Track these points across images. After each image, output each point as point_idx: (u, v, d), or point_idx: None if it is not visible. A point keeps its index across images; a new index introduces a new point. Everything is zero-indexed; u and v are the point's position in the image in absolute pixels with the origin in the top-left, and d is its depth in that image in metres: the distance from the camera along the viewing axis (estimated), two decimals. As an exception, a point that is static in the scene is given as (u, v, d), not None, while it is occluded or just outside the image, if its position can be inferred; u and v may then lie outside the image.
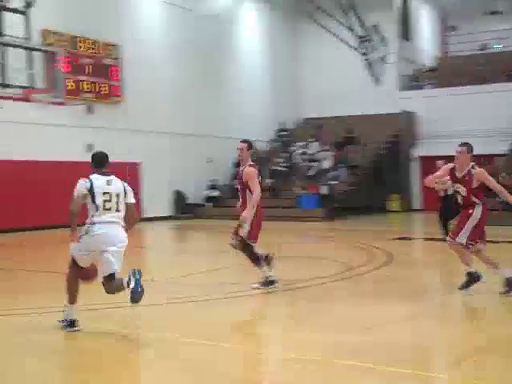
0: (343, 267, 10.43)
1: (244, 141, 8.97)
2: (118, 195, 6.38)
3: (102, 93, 20.50)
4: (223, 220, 20.97)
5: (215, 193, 23.96)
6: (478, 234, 7.77)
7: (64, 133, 19.40)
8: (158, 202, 22.31)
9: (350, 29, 21.00)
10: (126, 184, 6.55)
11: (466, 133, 24.89)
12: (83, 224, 6.33)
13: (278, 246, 13.69)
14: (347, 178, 23.90)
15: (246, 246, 8.72)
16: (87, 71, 19.96)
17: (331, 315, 7.17)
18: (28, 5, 14.03)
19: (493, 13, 30.59)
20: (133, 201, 6.54)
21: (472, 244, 7.74)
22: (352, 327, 6.55)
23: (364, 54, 21.40)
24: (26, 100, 13.65)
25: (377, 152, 25.83)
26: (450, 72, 28.69)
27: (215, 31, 25.38)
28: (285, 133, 27.96)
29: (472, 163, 7.84)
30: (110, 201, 6.32)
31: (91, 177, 6.37)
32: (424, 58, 31.11)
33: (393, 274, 10.06)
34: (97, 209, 6.27)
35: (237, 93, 26.43)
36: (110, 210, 6.32)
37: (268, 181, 23.81)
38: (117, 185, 6.45)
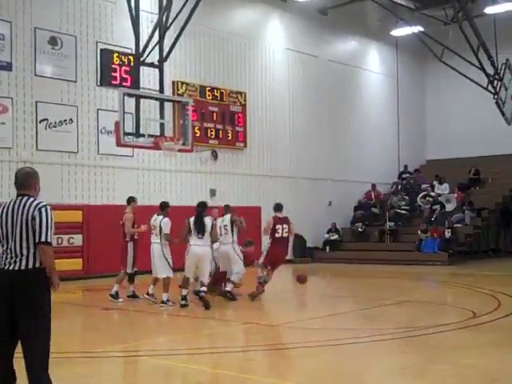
0: (467, 315, 10.15)
1: None
2: None
3: (228, 139, 21.29)
4: (343, 264, 20.99)
5: (334, 236, 23.97)
6: None
7: (189, 178, 20.38)
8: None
9: (480, 67, 20.56)
10: None
11: None
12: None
13: (398, 290, 13.58)
14: (472, 220, 23.18)
15: None
16: (214, 118, 20.85)
17: (455, 365, 7.01)
18: (162, 59, 14.99)
19: None
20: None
21: None
22: (478, 378, 6.40)
23: (494, 92, 20.81)
24: (156, 148, 14.42)
25: (506, 194, 24.90)
26: None
27: (339, 76, 25.77)
28: (407, 175, 27.63)
29: None
30: None
31: None
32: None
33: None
34: None
35: (358, 136, 26.54)
36: None
37: (389, 224, 23.62)
38: None
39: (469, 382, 6.30)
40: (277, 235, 12.59)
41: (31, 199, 5.00)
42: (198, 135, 19.74)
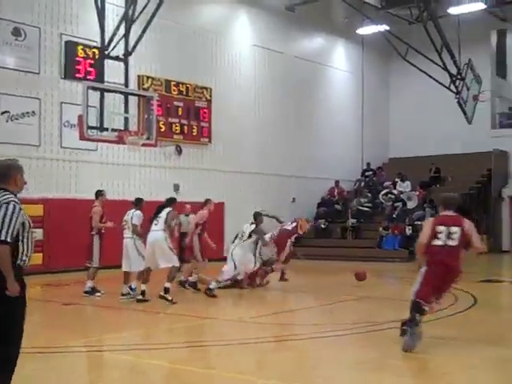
0: (424, 310, 10.34)
1: None
2: None
3: (192, 134, 21.27)
4: (305, 260, 21.11)
5: (298, 232, 24.08)
6: None
7: (153, 173, 20.31)
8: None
9: (443, 67, 20.88)
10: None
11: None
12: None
13: (359, 286, 13.76)
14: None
15: None
16: (179, 113, 20.81)
17: (409, 359, 7.18)
18: (127, 53, 14.89)
19: None
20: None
21: None
22: (429, 372, 6.57)
23: (456, 92, 21.16)
24: (121, 142, 14.35)
25: (466, 191, 25.39)
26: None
27: (305, 73, 25.92)
28: (370, 173, 27.96)
29: None
30: None
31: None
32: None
33: (476, 318, 9.95)
34: None
35: (323, 133, 26.74)
36: None
37: (352, 221, 23.88)
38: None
39: (422, 376, 6.46)
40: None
41: (1, 194, 4.86)
42: (162, 130, 19.72)
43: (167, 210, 11.71)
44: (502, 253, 25.21)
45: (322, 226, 24.48)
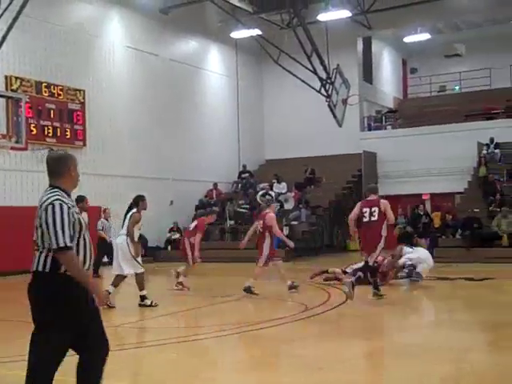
0: (301, 308, 10.67)
1: None
2: None
3: (66, 137, 20.65)
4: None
5: (176, 235, 24.05)
6: None
7: (25, 178, 19.48)
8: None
9: (313, 71, 21.50)
10: None
11: (426, 172, 25.81)
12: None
13: (238, 287, 13.93)
14: (308, 218, 24.32)
15: None
16: (51, 116, 20.13)
17: (286, 356, 7.39)
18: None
19: (452, 56, 31.50)
20: None
21: None
22: (306, 367, 6.78)
23: (327, 96, 21.86)
24: (-13, 146, 13.75)
25: (338, 192, 26.39)
26: (410, 113, 29.73)
27: (180, 75, 25.89)
28: (246, 174, 28.35)
29: None
30: None
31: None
32: (385, 99, 32.11)
33: (350, 313, 10.38)
34: None
35: (200, 135, 26.84)
36: None
37: (230, 222, 24.12)
38: None
39: (297, 371, 6.65)
40: None
41: (47, 193, 4.32)
42: (34, 133, 19.06)
43: (131, 211, 11.27)
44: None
45: (201, 229, 24.53)
